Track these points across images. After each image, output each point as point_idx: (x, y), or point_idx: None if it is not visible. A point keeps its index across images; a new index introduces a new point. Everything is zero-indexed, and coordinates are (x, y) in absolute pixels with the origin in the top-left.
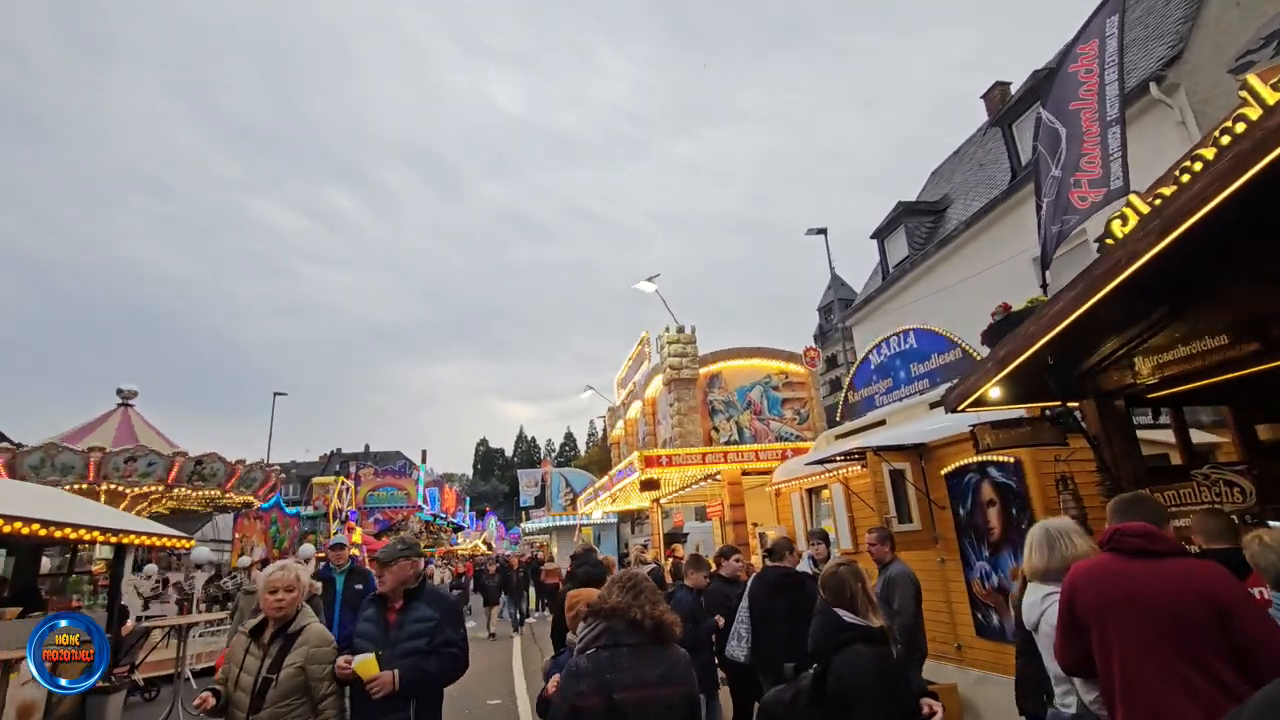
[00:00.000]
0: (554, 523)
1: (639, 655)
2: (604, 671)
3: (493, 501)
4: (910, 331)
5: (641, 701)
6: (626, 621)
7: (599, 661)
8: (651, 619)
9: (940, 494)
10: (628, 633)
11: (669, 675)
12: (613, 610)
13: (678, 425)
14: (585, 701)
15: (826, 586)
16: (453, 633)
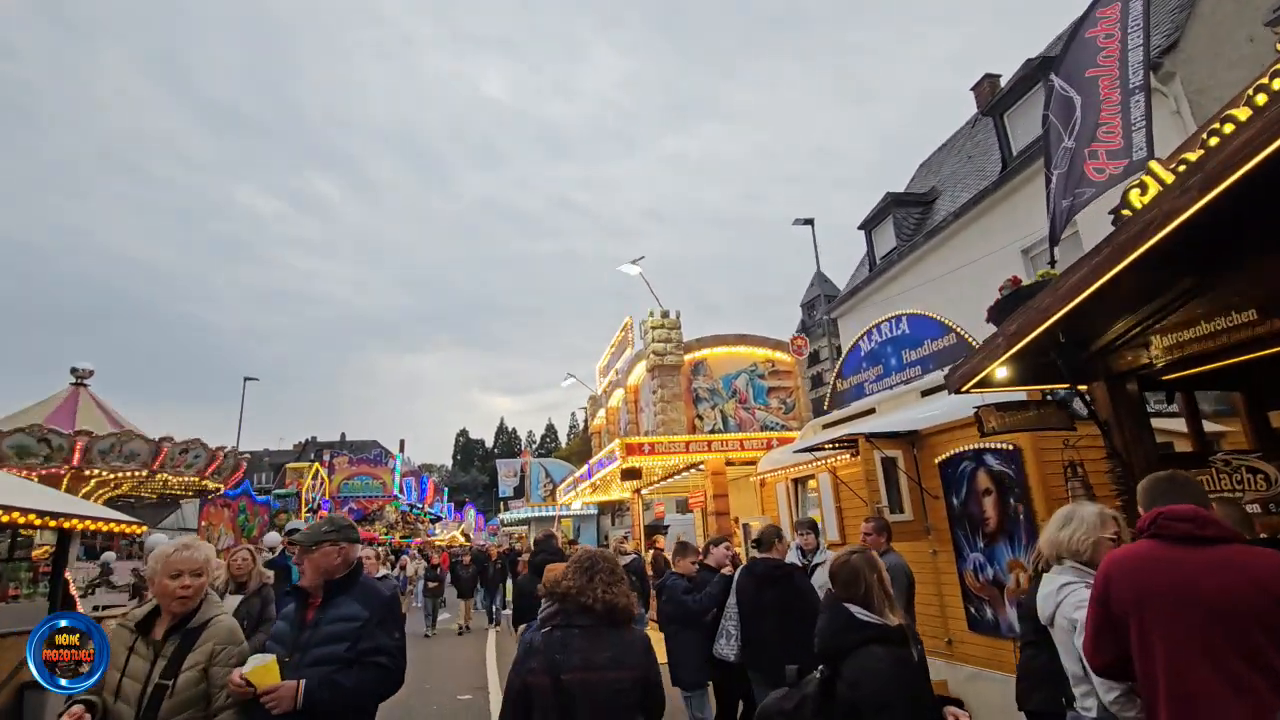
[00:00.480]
0: (533, 513)
1: (590, 637)
2: (554, 651)
3: (472, 492)
4: (903, 317)
5: (587, 683)
6: (578, 605)
7: (551, 641)
8: (602, 602)
9: (933, 483)
10: (579, 614)
11: (619, 658)
12: (564, 594)
13: (661, 413)
14: (535, 679)
15: (838, 578)
16: (384, 638)
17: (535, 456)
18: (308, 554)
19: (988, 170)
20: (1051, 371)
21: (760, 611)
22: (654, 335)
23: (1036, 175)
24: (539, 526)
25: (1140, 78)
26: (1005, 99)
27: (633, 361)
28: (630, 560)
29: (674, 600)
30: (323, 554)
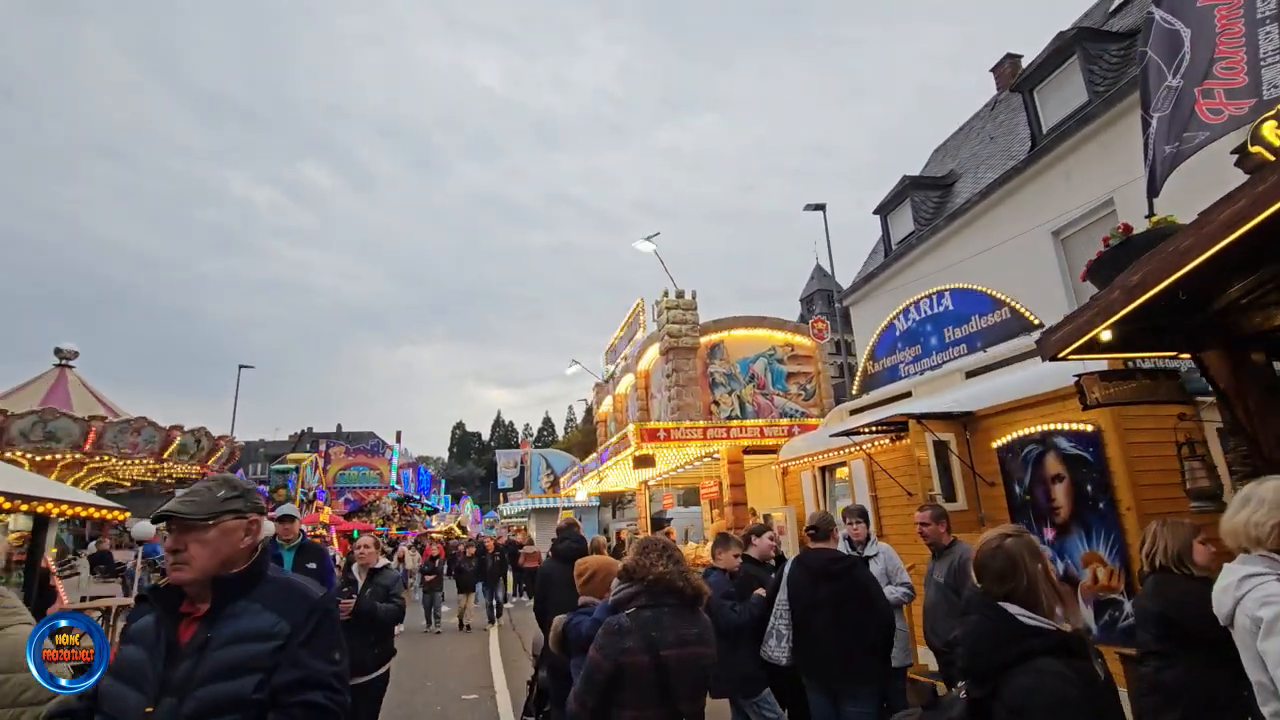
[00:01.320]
0: (533, 505)
1: (679, 615)
2: (649, 629)
3: (468, 485)
4: (945, 293)
5: (683, 658)
6: (670, 587)
7: (643, 620)
8: (692, 586)
9: (989, 469)
10: (667, 595)
11: (704, 635)
12: (659, 579)
13: (675, 398)
14: (631, 659)
15: (987, 570)
16: (317, 663)
17: (535, 448)
18: (193, 534)
19: (1014, 150)
20: (1155, 337)
21: (815, 609)
22: (669, 316)
23: (1069, 153)
24: (539, 519)
25: (1273, 5)
26: (1035, 74)
27: (644, 345)
28: None
29: (715, 607)
30: (223, 533)
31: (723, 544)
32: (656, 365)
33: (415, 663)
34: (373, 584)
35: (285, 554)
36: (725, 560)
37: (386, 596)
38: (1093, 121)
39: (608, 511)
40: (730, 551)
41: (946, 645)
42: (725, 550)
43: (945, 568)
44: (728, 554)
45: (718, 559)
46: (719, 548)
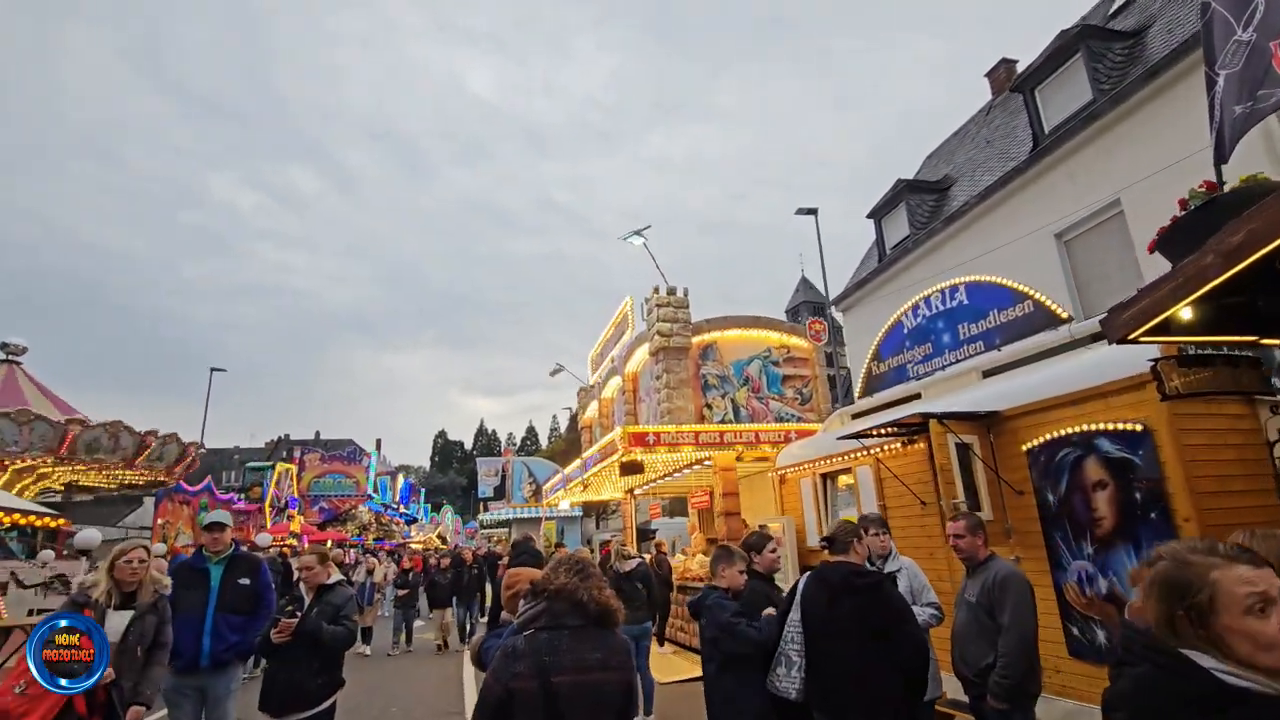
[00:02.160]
0: (514, 515)
1: (580, 638)
2: (542, 653)
3: (450, 495)
4: (960, 287)
5: (578, 685)
6: (571, 603)
7: (538, 643)
8: (597, 603)
9: (1017, 475)
10: (570, 614)
11: (607, 661)
12: (558, 591)
13: (666, 401)
14: (521, 684)
15: (1165, 597)
16: None
17: (518, 455)
18: None
19: (1013, 152)
20: (1239, 317)
21: (834, 632)
22: (659, 314)
23: (1071, 154)
24: (521, 528)
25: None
26: (1036, 73)
27: (632, 345)
28: (635, 566)
29: (727, 628)
30: None
31: (725, 558)
32: (645, 367)
33: (381, 686)
34: (321, 603)
35: (212, 568)
36: (729, 577)
37: (335, 618)
38: (1098, 120)
39: (591, 522)
40: (735, 567)
41: (978, 675)
42: (729, 565)
43: (979, 586)
44: (732, 569)
45: (721, 575)
46: (721, 563)
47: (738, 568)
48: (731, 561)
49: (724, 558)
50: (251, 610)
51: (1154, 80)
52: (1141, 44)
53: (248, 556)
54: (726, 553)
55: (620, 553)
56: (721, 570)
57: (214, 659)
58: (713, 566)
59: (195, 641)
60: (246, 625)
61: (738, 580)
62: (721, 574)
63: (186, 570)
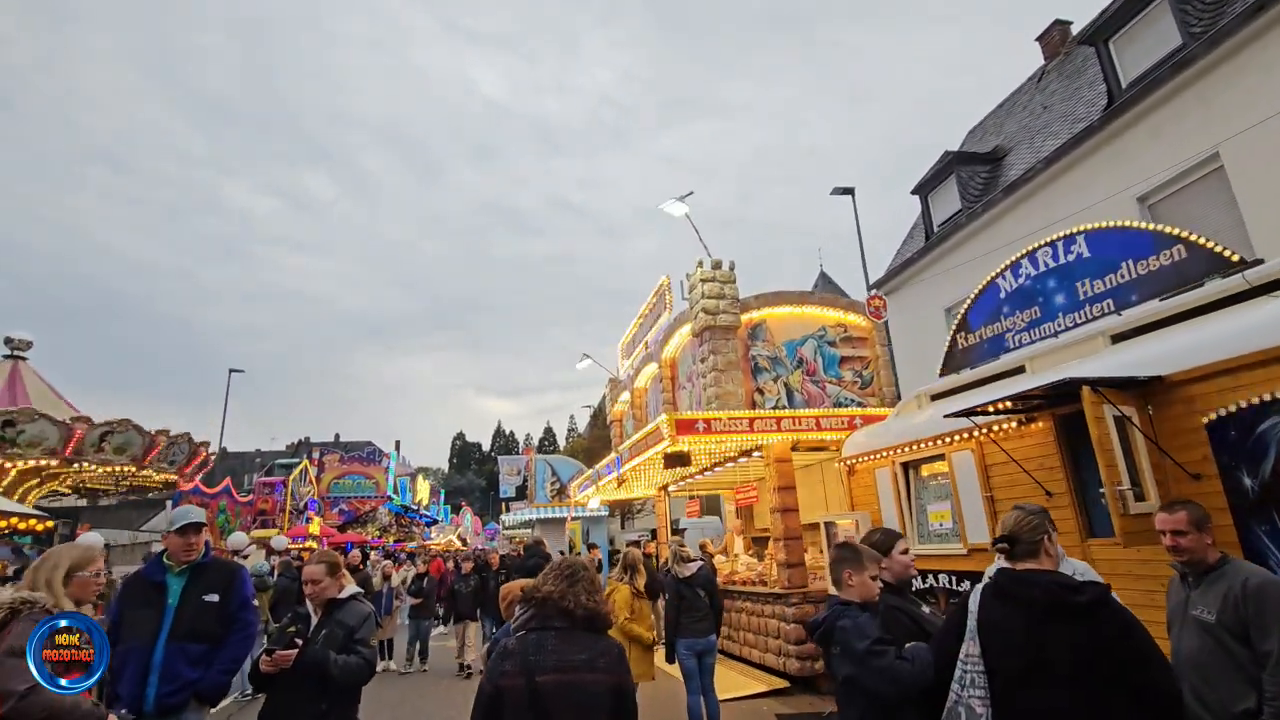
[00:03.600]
0: (538, 515)
1: (565, 639)
2: (529, 653)
3: (468, 496)
4: (1078, 236)
5: (562, 685)
6: (557, 608)
7: (525, 643)
8: (584, 608)
9: (1192, 455)
10: (557, 617)
11: (593, 661)
12: (544, 598)
13: (713, 385)
14: (509, 682)
15: None
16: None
17: (540, 454)
18: None
19: (1079, 113)
20: None
21: (1040, 678)
22: (704, 290)
23: (1158, 106)
24: (544, 529)
25: None
26: (1111, 21)
27: (671, 327)
28: (697, 570)
29: (866, 662)
30: None
31: (852, 562)
32: (686, 349)
33: (393, 716)
34: (330, 623)
35: (170, 580)
36: (860, 587)
37: (348, 643)
38: (1191, 66)
39: (616, 522)
40: (866, 573)
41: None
42: (859, 571)
43: (1217, 599)
44: (863, 576)
45: (847, 585)
46: (847, 567)
47: (869, 573)
48: (861, 565)
49: (850, 560)
50: (220, 636)
51: (1259, 17)
52: None
53: (220, 564)
54: (853, 554)
55: (679, 555)
56: (848, 578)
57: (161, 706)
58: (835, 572)
59: (138, 682)
60: (211, 656)
61: (871, 591)
62: (848, 583)
63: (138, 585)
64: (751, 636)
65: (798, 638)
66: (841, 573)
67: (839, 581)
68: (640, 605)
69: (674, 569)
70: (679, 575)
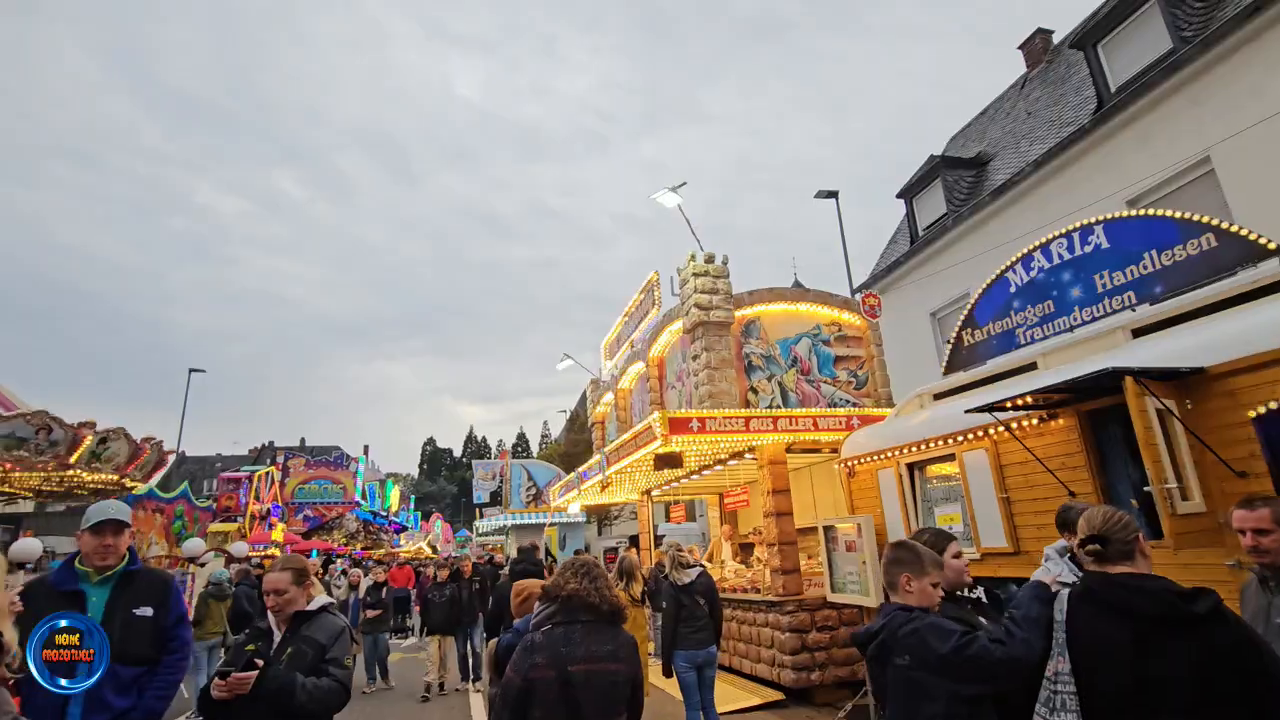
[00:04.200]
0: (512, 521)
1: (591, 631)
2: (558, 645)
3: (439, 503)
4: (1095, 227)
5: (591, 674)
6: (584, 604)
7: (554, 636)
8: (608, 603)
9: (1237, 451)
10: (583, 612)
11: (617, 653)
12: (571, 595)
13: (706, 383)
14: (540, 674)
15: None
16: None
17: (515, 459)
18: None
19: (1066, 118)
20: None
21: (1149, 697)
22: (696, 285)
23: (1148, 110)
24: (519, 535)
25: None
26: (1101, 25)
27: (660, 324)
28: (697, 576)
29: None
30: None
31: (912, 564)
32: (675, 347)
33: None
34: (296, 640)
35: (90, 590)
36: (921, 593)
37: (318, 664)
38: (1182, 69)
39: (593, 528)
40: (928, 577)
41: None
42: (919, 574)
43: None
44: (924, 581)
45: (905, 590)
46: (906, 570)
47: (931, 579)
48: (922, 569)
49: (909, 563)
50: (154, 656)
51: (1254, 19)
52: None
53: (151, 574)
54: (912, 556)
55: (678, 560)
56: (906, 583)
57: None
58: (890, 576)
59: (55, 714)
60: (144, 681)
61: (933, 599)
62: (906, 589)
63: (44, 596)
64: (743, 646)
65: (793, 648)
66: (899, 577)
67: (895, 587)
68: (636, 614)
69: (673, 575)
70: (678, 582)
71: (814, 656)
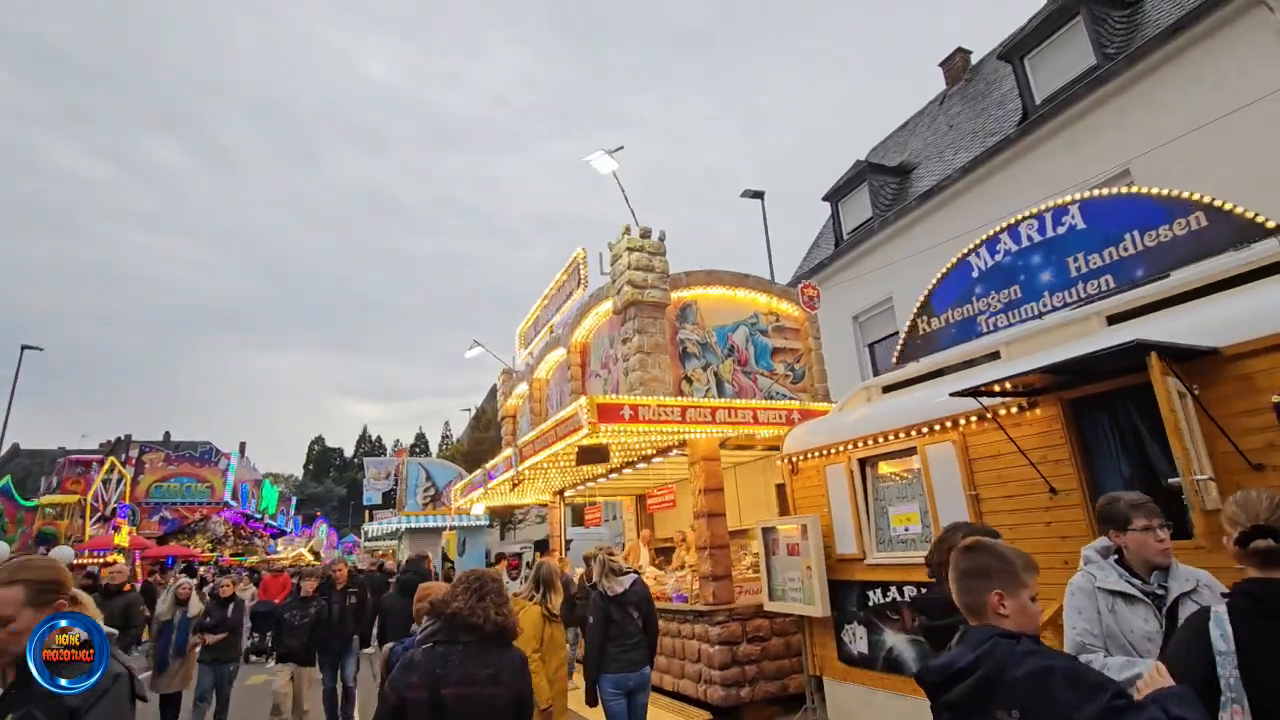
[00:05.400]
0: (407, 524)
1: (472, 653)
2: (435, 666)
3: (325, 505)
4: (1071, 207)
5: (465, 698)
6: (466, 624)
7: (432, 656)
8: (493, 622)
9: (1254, 441)
10: (464, 632)
11: (498, 675)
12: (454, 614)
13: (638, 369)
14: (413, 694)
15: None
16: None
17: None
18: None
19: (989, 129)
20: None
21: None
22: (630, 260)
23: (1073, 122)
24: (414, 540)
25: None
26: (1029, 39)
27: (586, 305)
28: (631, 585)
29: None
30: None
31: (1002, 574)
32: (603, 331)
33: None
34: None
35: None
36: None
37: None
38: (1107, 84)
39: (496, 533)
40: (1025, 590)
41: None
42: (1013, 589)
43: None
44: (1021, 598)
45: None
46: (995, 582)
47: (1030, 590)
48: (1018, 582)
49: (1001, 573)
50: None
51: (1176, 39)
52: (1140, 11)
53: None
54: (1002, 564)
55: (611, 567)
56: (997, 602)
57: None
58: (970, 592)
59: None
60: None
61: (1035, 621)
62: (999, 611)
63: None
64: (664, 660)
65: (722, 661)
66: (987, 595)
67: (978, 609)
68: (553, 633)
69: (602, 583)
70: (609, 592)
71: (744, 671)
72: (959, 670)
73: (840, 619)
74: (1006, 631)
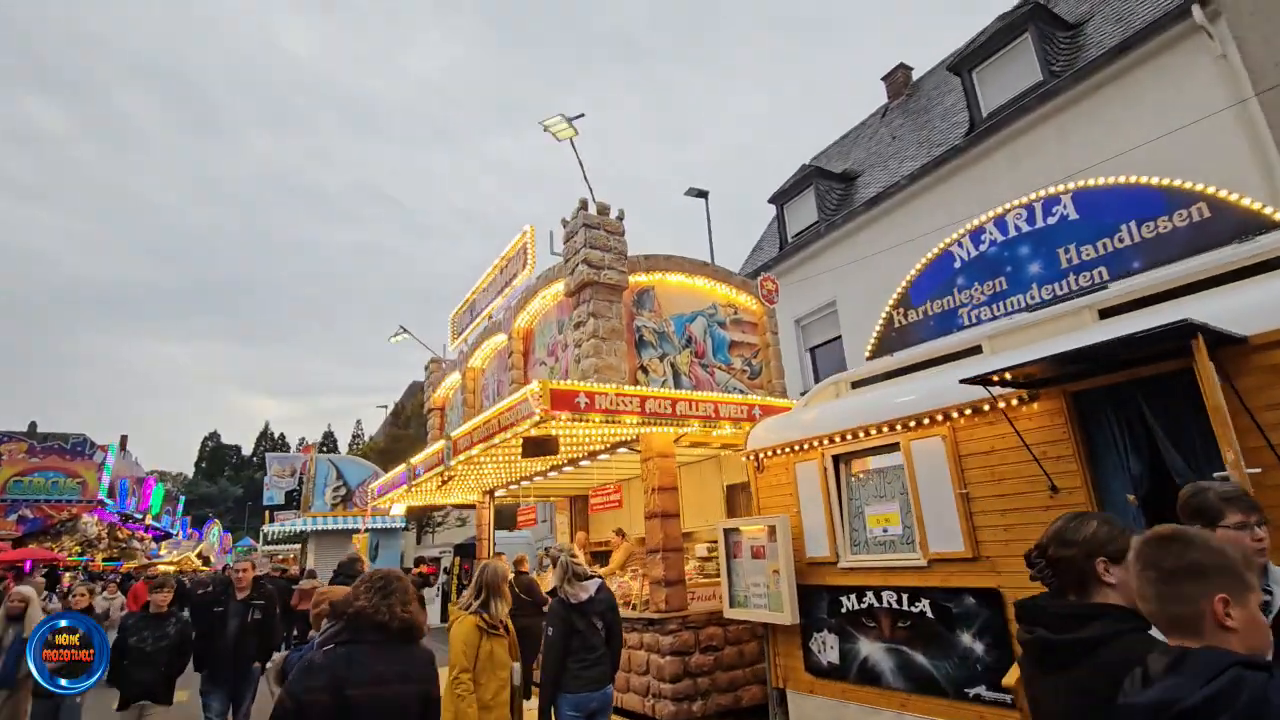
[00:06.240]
0: (313, 525)
1: (379, 652)
2: (338, 668)
3: (219, 506)
4: (1063, 197)
5: (375, 698)
6: (372, 622)
7: (335, 658)
8: (400, 619)
9: None
10: (370, 630)
11: (408, 673)
12: (358, 613)
13: (593, 354)
14: (314, 698)
15: None
16: None
17: (324, 453)
18: None
19: (935, 140)
20: None
21: None
22: (587, 237)
23: (1017, 136)
24: (322, 543)
25: None
26: (977, 53)
27: (534, 287)
28: (596, 591)
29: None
30: None
31: (1224, 575)
32: (550, 315)
33: None
34: None
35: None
36: (1248, 628)
37: None
38: (1052, 100)
39: (413, 535)
40: (1253, 594)
41: None
42: (1241, 594)
43: None
44: (1249, 607)
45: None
46: (1213, 586)
47: (1257, 595)
48: (1245, 586)
49: (1217, 572)
50: None
51: (1120, 59)
52: (1083, 32)
53: None
54: (1219, 560)
55: (574, 571)
56: (1220, 610)
57: None
58: (1176, 599)
59: None
60: None
61: (1266, 634)
62: (1223, 620)
63: None
64: None
65: (674, 673)
66: (1205, 601)
67: (1195, 620)
68: (493, 648)
69: (564, 589)
70: (572, 599)
71: (697, 683)
72: (1182, 712)
73: (809, 627)
74: (1248, 659)
